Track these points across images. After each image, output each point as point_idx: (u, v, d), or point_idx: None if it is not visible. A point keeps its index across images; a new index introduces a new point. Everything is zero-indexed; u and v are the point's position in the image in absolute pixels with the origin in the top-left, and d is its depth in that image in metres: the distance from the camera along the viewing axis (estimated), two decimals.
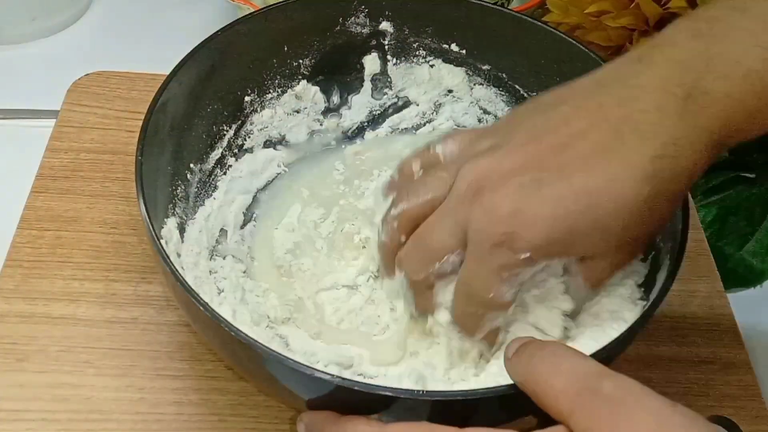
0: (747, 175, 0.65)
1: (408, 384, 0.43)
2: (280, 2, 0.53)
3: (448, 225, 0.40)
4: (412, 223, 0.42)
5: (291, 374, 0.37)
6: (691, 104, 0.36)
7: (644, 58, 0.38)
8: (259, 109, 0.55)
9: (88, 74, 0.62)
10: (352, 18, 0.55)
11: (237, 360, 0.41)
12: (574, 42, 0.51)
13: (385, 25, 0.56)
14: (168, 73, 0.47)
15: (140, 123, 0.44)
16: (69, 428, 0.45)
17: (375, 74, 0.57)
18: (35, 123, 0.63)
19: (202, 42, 0.49)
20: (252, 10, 0.58)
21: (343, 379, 0.36)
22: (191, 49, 0.49)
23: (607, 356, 0.38)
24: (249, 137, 0.55)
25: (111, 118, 0.59)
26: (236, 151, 0.54)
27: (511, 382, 0.36)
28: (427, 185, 0.42)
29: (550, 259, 0.38)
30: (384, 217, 0.44)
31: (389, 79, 0.58)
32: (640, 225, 0.37)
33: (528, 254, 0.37)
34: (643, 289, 0.44)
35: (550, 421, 0.33)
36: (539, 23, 0.54)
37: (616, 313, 0.43)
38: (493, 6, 0.55)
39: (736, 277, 0.60)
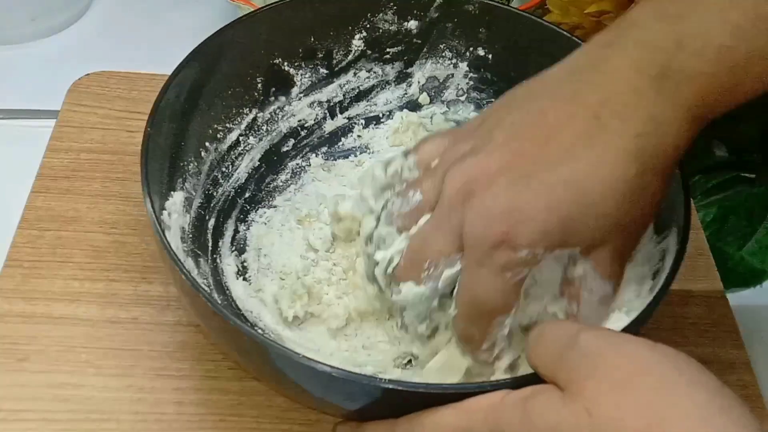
0: (747, 175, 0.65)
1: None
2: (277, 2, 0.53)
3: (443, 233, 0.39)
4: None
5: (301, 370, 0.37)
6: (666, 83, 0.36)
7: (613, 43, 0.38)
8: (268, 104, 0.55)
9: (88, 74, 0.62)
10: (380, 14, 0.55)
11: (243, 355, 0.41)
12: (579, 41, 0.51)
13: (412, 24, 0.56)
14: (168, 73, 0.47)
15: (141, 123, 0.44)
16: (69, 428, 0.45)
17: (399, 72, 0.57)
18: (35, 123, 0.62)
19: (203, 40, 0.49)
20: (251, 9, 0.58)
21: (349, 373, 0.36)
22: (191, 49, 0.49)
23: None
24: (253, 135, 0.54)
25: (111, 118, 0.59)
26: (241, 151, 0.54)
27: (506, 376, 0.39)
28: (413, 198, 0.41)
29: (551, 252, 0.38)
30: (368, 237, 0.43)
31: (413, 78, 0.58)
32: (633, 204, 0.37)
33: (528, 250, 0.37)
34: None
35: None
36: (564, 32, 0.53)
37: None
38: (519, 11, 0.55)
39: (736, 277, 0.60)
